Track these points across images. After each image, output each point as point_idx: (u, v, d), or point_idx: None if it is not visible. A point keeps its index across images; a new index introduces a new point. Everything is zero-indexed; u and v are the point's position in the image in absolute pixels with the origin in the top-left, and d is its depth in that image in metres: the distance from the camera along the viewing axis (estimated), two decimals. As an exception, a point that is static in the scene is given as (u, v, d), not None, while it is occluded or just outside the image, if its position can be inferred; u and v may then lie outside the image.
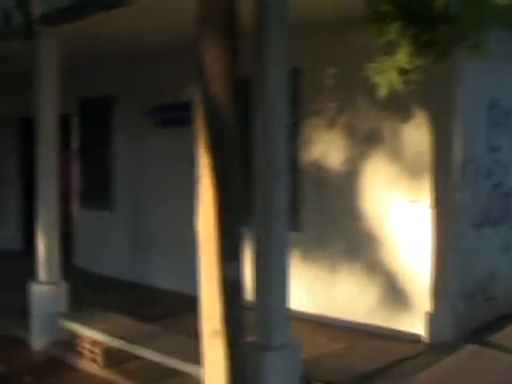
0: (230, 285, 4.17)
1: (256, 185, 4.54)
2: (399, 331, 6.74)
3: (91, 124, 10.50)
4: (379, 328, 6.87)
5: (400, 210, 6.77)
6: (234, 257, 4.17)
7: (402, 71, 4.24)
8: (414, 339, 6.61)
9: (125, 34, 7.52)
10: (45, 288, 6.89)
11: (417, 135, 6.63)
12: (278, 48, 4.43)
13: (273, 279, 4.58)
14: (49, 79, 6.71)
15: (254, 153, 4.58)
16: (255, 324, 4.69)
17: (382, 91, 4.36)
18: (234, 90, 4.13)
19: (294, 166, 7.03)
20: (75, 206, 10.77)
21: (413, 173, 6.66)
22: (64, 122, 7.61)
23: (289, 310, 4.77)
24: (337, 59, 7.15)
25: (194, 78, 8.39)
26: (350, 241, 7.18)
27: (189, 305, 8.10)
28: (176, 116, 8.94)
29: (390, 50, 4.38)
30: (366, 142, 7.04)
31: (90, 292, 8.48)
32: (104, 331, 6.07)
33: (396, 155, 6.82)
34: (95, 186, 10.47)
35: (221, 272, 4.12)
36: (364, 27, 4.30)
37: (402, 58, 4.07)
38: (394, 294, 6.84)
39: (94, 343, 6.15)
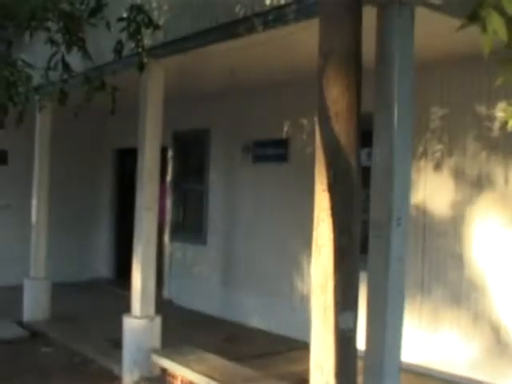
0: (345, 336, 3.86)
1: (372, 229, 4.23)
2: (506, 388, 6.25)
3: (186, 157, 10.47)
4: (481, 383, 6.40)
5: (509, 258, 6.33)
6: (351, 306, 3.86)
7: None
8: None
9: (222, 69, 7.45)
10: (139, 322, 6.76)
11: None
12: (403, 85, 4.14)
13: (387, 330, 4.24)
14: (154, 111, 6.67)
15: (370, 195, 4.28)
16: (365, 377, 4.34)
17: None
18: (358, 129, 3.87)
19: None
20: (166, 239, 10.70)
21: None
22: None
23: (400, 362, 4.42)
24: (448, 99, 6.82)
25: (289, 116, 8.50)
26: (455, 288, 6.74)
27: (281, 346, 7.93)
28: (272, 152, 8.81)
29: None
30: (474, 185, 6.64)
31: (179, 327, 8.33)
32: (199, 371, 5.83)
33: (507, 200, 6.40)
34: (188, 218, 10.40)
35: (336, 322, 3.81)
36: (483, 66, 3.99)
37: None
38: (500, 347, 6.36)
39: (189, 383, 5.91)
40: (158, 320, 6.81)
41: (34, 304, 9.27)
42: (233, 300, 9.33)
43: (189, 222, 10.45)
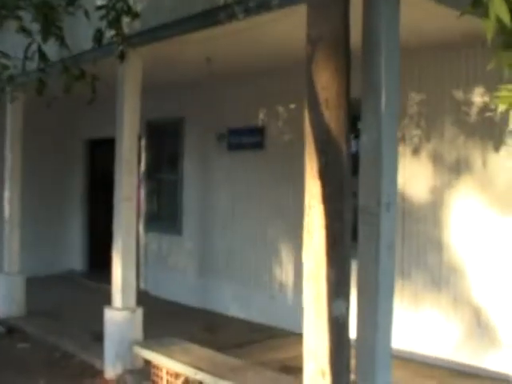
0: (338, 323, 3.86)
1: (362, 216, 4.21)
2: (487, 370, 6.31)
3: (159, 146, 10.37)
4: (466, 366, 6.46)
5: (488, 242, 6.38)
6: (344, 293, 3.85)
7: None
8: (502, 378, 6.17)
9: (198, 57, 7.38)
10: (120, 314, 6.67)
11: (510, 164, 6.25)
12: (390, 70, 4.12)
13: (378, 316, 4.24)
14: (131, 100, 6.58)
15: (359, 181, 4.27)
16: (357, 363, 4.34)
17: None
18: (348, 115, 3.84)
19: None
20: (141, 229, 10.60)
21: (503, 204, 6.28)
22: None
23: (391, 348, 4.42)
24: (426, 85, 6.84)
25: (264, 103, 8.46)
26: (434, 272, 6.79)
27: (261, 335, 7.92)
28: (247, 140, 8.77)
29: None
30: (453, 170, 6.68)
31: (157, 317, 8.25)
32: (184, 362, 5.77)
33: (486, 184, 6.45)
34: (162, 209, 10.33)
35: (330, 309, 3.80)
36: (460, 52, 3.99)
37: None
38: (481, 329, 6.43)
39: (174, 374, 5.86)
40: (139, 312, 6.73)
41: (9, 299, 9.08)
42: (211, 290, 9.29)
43: (164, 212, 10.37)
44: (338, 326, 3.87)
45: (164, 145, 10.38)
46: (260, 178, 8.63)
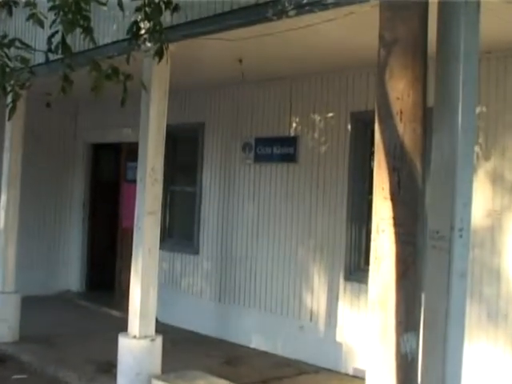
0: (406, 360, 3.91)
1: (431, 241, 4.27)
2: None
3: (175, 154, 10.46)
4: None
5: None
6: (415, 327, 3.91)
7: None
8: None
9: (231, 58, 7.51)
10: (138, 343, 6.70)
11: None
12: (468, 80, 4.19)
13: (448, 354, 4.28)
14: (158, 101, 6.71)
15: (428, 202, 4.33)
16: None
17: None
18: (424, 129, 3.92)
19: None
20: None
21: None
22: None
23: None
24: (486, 96, 6.91)
25: (298, 111, 8.54)
26: (491, 305, 6.83)
27: (289, 370, 7.95)
28: (278, 151, 8.85)
29: None
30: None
31: (172, 348, 8.26)
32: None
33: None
34: (177, 225, 10.38)
35: (398, 344, 3.85)
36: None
37: None
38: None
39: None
40: (159, 341, 6.79)
41: (2, 323, 8.93)
42: (231, 317, 9.34)
43: (178, 228, 10.44)
44: (406, 363, 3.92)
45: (181, 153, 10.47)
46: (291, 194, 8.69)
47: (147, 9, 5.34)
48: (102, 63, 5.35)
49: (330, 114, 8.30)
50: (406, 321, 3.91)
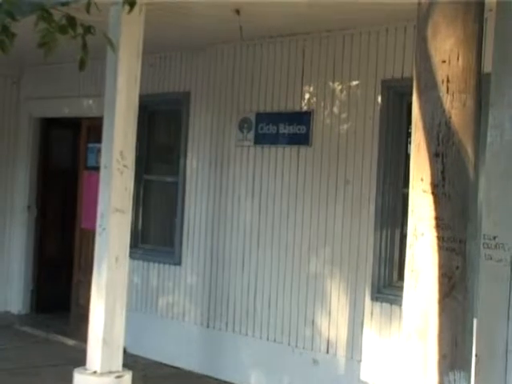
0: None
1: (485, 249, 4.28)
2: None
3: (151, 133, 10.48)
4: None
5: None
6: (464, 363, 3.91)
7: None
8: None
9: (224, 9, 7.52)
10: (101, 381, 6.74)
11: None
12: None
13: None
14: (130, 66, 6.74)
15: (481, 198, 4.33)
16: None
17: None
18: (477, 104, 3.91)
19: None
20: (119, 255, 10.70)
21: None
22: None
23: None
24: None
25: (312, 78, 8.53)
26: None
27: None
28: (285, 130, 8.85)
29: None
30: None
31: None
32: None
33: None
34: (152, 225, 10.40)
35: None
36: None
37: None
38: None
39: None
40: (127, 378, 6.84)
41: None
42: (222, 348, 9.35)
43: (154, 230, 10.43)
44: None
45: (159, 132, 10.47)
46: (301, 186, 8.68)
47: None
48: (53, 11, 5.30)
49: (355, 83, 8.28)
50: (453, 354, 3.90)
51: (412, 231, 3.99)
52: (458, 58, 3.88)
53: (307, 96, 8.75)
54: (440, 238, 3.89)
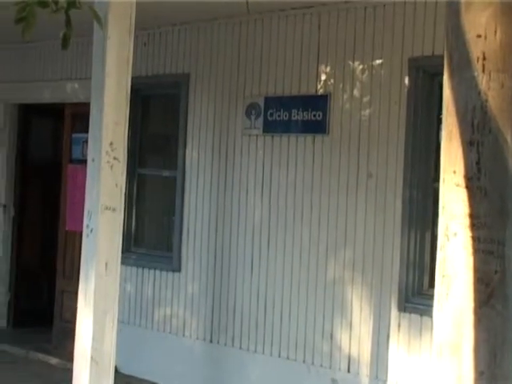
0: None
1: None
2: None
3: (145, 121, 10.50)
4: None
5: None
6: (503, 380, 3.93)
7: None
8: None
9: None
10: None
11: None
12: None
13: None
14: (120, 43, 6.73)
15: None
16: None
17: None
18: (517, 83, 3.93)
19: None
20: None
21: None
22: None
23: None
24: None
25: (329, 57, 8.54)
26: None
27: None
28: (299, 117, 8.87)
29: None
30: None
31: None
32: None
33: None
34: (150, 227, 10.42)
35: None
36: None
37: None
38: None
39: None
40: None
41: None
42: (228, 366, 9.37)
43: (150, 232, 10.46)
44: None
45: (154, 120, 10.49)
46: (318, 181, 8.70)
47: None
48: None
49: (378, 62, 8.30)
50: (491, 371, 3.91)
51: (443, 231, 4.00)
52: (495, 33, 3.89)
53: (323, 77, 8.77)
54: (475, 239, 3.90)
